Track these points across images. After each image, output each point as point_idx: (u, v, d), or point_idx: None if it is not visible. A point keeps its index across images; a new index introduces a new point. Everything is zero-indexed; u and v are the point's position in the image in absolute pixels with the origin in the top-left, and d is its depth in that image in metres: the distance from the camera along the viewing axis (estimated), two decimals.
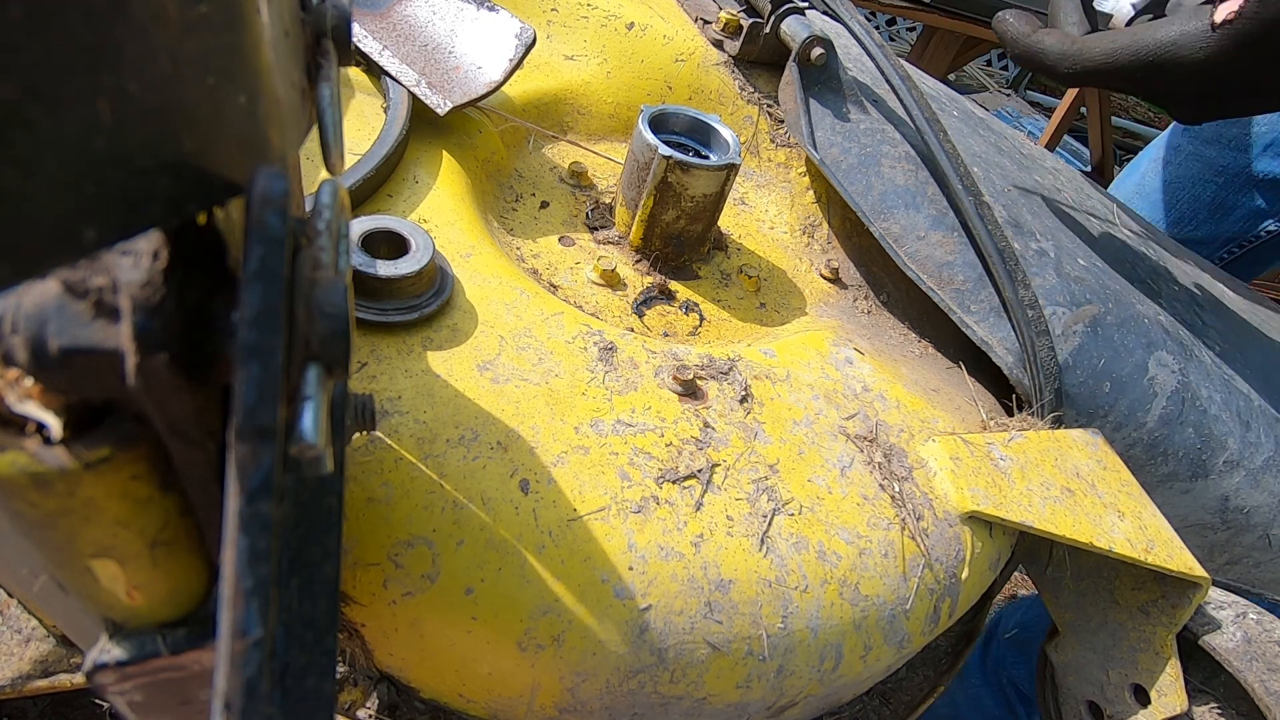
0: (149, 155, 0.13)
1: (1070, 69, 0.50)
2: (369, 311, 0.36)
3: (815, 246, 0.59)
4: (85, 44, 0.11)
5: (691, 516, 0.35)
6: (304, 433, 0.15)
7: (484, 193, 0.50)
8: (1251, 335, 0.69)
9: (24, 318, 0.14)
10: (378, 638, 0.33)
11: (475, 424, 0.35)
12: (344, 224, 0.20)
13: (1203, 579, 0.42)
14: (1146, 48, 0.47)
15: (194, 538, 0.19)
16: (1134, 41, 0.47)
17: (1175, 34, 0.46)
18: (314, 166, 0.43)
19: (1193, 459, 0.54)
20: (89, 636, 0.22)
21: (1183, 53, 0.46)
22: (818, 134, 0.55)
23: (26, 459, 0.15)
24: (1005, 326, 0.50)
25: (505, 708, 0.34)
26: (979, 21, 2.41)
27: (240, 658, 0.15)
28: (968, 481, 0.41)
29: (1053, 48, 0.50)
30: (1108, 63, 0.48)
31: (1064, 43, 0.50)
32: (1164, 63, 0.46)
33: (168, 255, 0.15)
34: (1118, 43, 0.48)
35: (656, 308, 0.49)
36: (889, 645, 0.37)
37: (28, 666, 0.37)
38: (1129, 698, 0.46)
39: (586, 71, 0.60)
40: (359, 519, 0.32)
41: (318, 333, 0.16)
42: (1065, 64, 0.50)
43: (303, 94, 0.21)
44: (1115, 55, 0.48)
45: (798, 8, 0.59)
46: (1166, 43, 0.46)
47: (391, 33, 0.49)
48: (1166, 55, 0.46)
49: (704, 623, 0.33)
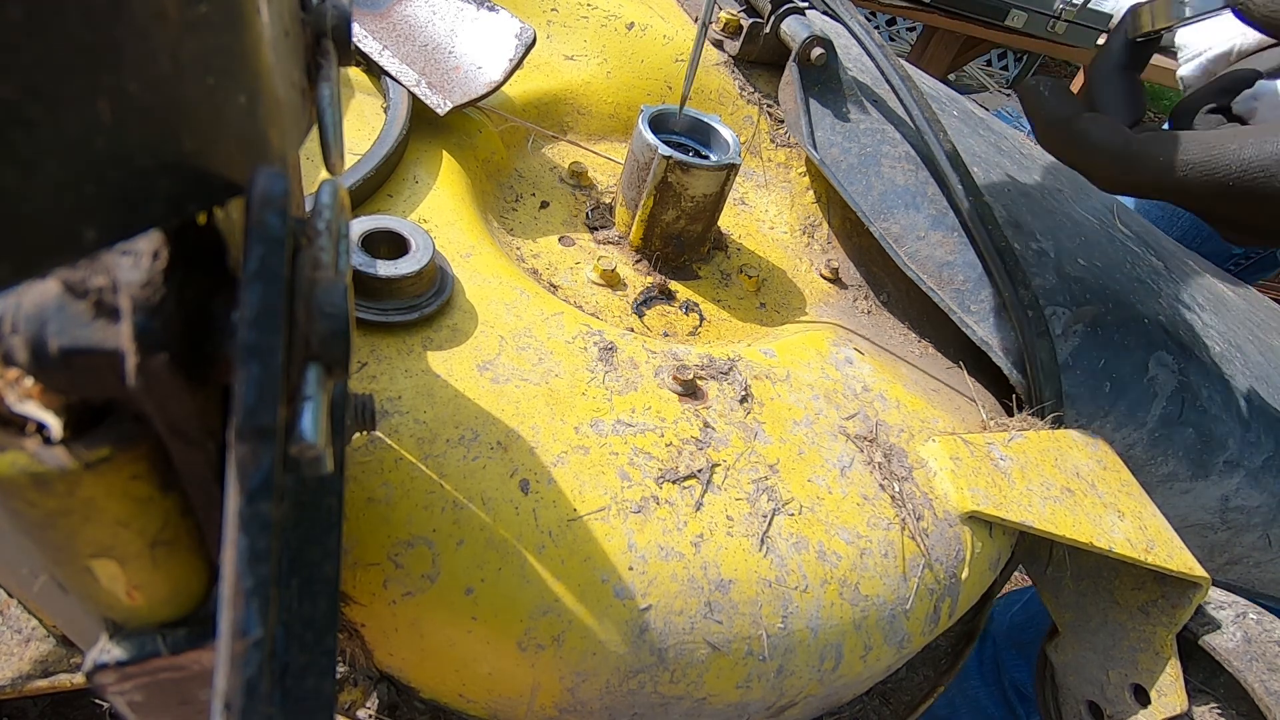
0: (149, 155, 0.13)
1: (1120, 175, 0.39)
2: (369, 311, 0.36)
3: (815, 246, 0.59)
4: (85, 44, 0.11)
5: (691, 516, 0.35)
6: (304, 433, 0.15)
7: (484, 193, 0.50)
8: (1251, 335, 0.69)
9: (24, 318, 0.14)
10: (378, 638, 0.33)
11: (475, 424, 0.35)
12: (344, 224, 0.20)
13: (1203, 579, 0.42)
14: (1228, 167, 0.36)
15: (194, 538, 0.19)
16: (1210, 157, 0.36)
17: (1269, 154, 0.35)
18: (314, 166, 0.43)
19: (1193, 459, 0.54)
20: (89, 636, 0.22)
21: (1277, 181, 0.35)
22: (818, 134, 0.55)
23: (26, 459, 0.15)
24: (1005, 326, 0.50)
25: (505, 708, 0.34)
26: (979, 21, 2.41)
27: (240, 658, 0.15)
28: (968, 481, 0.41)
29: (1102, 144, 0.39)
30: (1170, 177, 0.37)
31: (1115, 140, 0.39)
32: (1247, 189, 0.36)
33: (168, 255, 0.15)
34: (1189, 154, 0.37)
35: (656, 308, 0.49)
36: (889, 645, 0.37)
37: (28, 666, 0.37)
38: (1129, 698, 0.46)
39: (586, 71, 0.60)
40: (359, 519, 0.32)
41: (318, 333, 0.16)
42: (1115, 168, 0.39)
43: (303, 94, 0.21)
44: (1184, 170, 0.37)
45: (798, 8, 0.59)
46: (1255, 164, 0.35)
47: (391, 33, 0.49)
48: (1254, 180, 0.36)
49: (704, 623, 0.33)
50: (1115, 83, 0.42)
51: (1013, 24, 2.41)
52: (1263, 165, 0.35)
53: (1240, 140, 0.36)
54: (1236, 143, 0.36)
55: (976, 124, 0.67)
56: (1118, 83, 0.42)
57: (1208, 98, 0.43)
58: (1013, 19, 2.39)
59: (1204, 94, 0.44)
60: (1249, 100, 0.42)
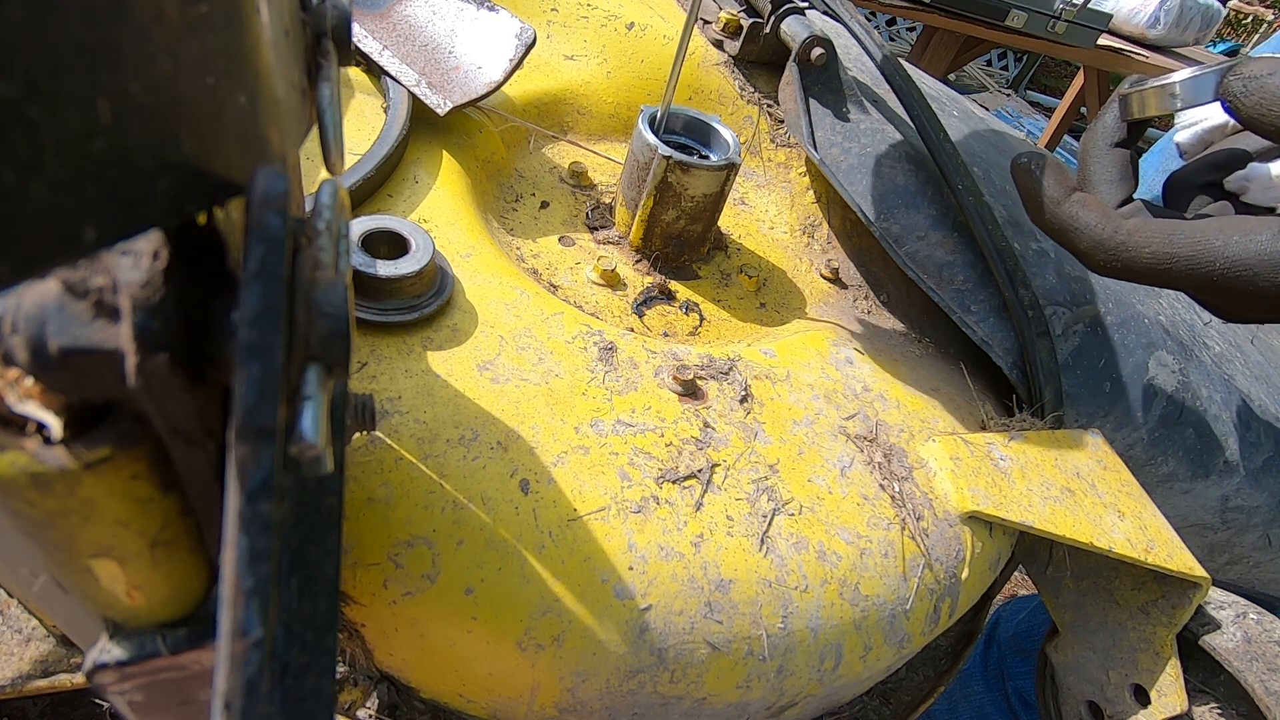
0: (149, 155, 0.13)
1: (1106, 263, 0.40)
2: (369, 311, 0.36)
3: (815, 246, 0.59)
4: (85, 44, 0.11)
5: (691, 516, 0.35)
6: (304, 433, 0.15)
7: (484, 193, 0.50)
8: (1251, 335, 0.69)
9: (24, 318, 0.14)
10: (378, 638, 0.33)
11: (475, 424, 0.35)
12: (344, 224, 0.20)
13: (1203, 579, 0.42)
14: (1211, 264, 0.37)
15: (194, 538, 0.19)
16: (1196, 252, 0.37)
17: (1253, 255, 0.36)
18: (314, 166, 0.43)
19: (1193, 459, 0.54)
20: (89, 636, 0.22)
21: (1259, 281, 0.36)
22: (818, 134, 0.55)
23: (26, 459, 0.15)
24: (1005, 326, 0.50)
25: (505, 708, 0.34)
26: (979, 21, 2.41)
27: (240, 658, 0.15)
28: (968, 481, 0.41)
29: (1090, 229, 0.40)
30: (1155, 268, 0.38)
31: (1105, 225, 0.39)
32: (1230, 285, 0.37)
33: (168, 255, 0.15)
34: (1175, 246, 0.37)
35: (656, 308, 0.49)
36: (889, 645, 0.37)
37: (28, 666, 0.37)
38: (1129, 698, 0.46)
39: (586, 71, 0.60)
40: (359, 519, 0.32)
41: (318, 333, 0.16)
42: (1102, 256, 0.39)
43: (303, 94, 0.21)
44: (1169, 263, 0.37)
45: (798, 8, 0.59)
46: (1239, 263, 0.36)
47: (391, 33, 0.49)
48: (1236, 277, 0.36)
49: (704, 623, 0.33)
50: (1106, 160, 0.43)
51: (1013, 24, 2.41)
52: (1246, 264, 0.36)
53: (1225, 236, 0.37)
54: (1221, 239, 0.37)
55: (976, 124, 0.67)
56: (1108, 160, 0.43)
57: (1201, 173, 0.44)
58: (1013, 19, 2.40)
59: (1197, 168, 0.44)
60: (1240, 180, 0.42)
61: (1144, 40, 2.82)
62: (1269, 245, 0.36)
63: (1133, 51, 2.71)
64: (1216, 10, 2.86)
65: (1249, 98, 0.34)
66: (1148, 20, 2.78)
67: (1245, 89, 0.35)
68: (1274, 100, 0.34)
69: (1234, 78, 0.35)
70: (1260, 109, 0.34)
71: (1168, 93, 0.39)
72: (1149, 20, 2.78)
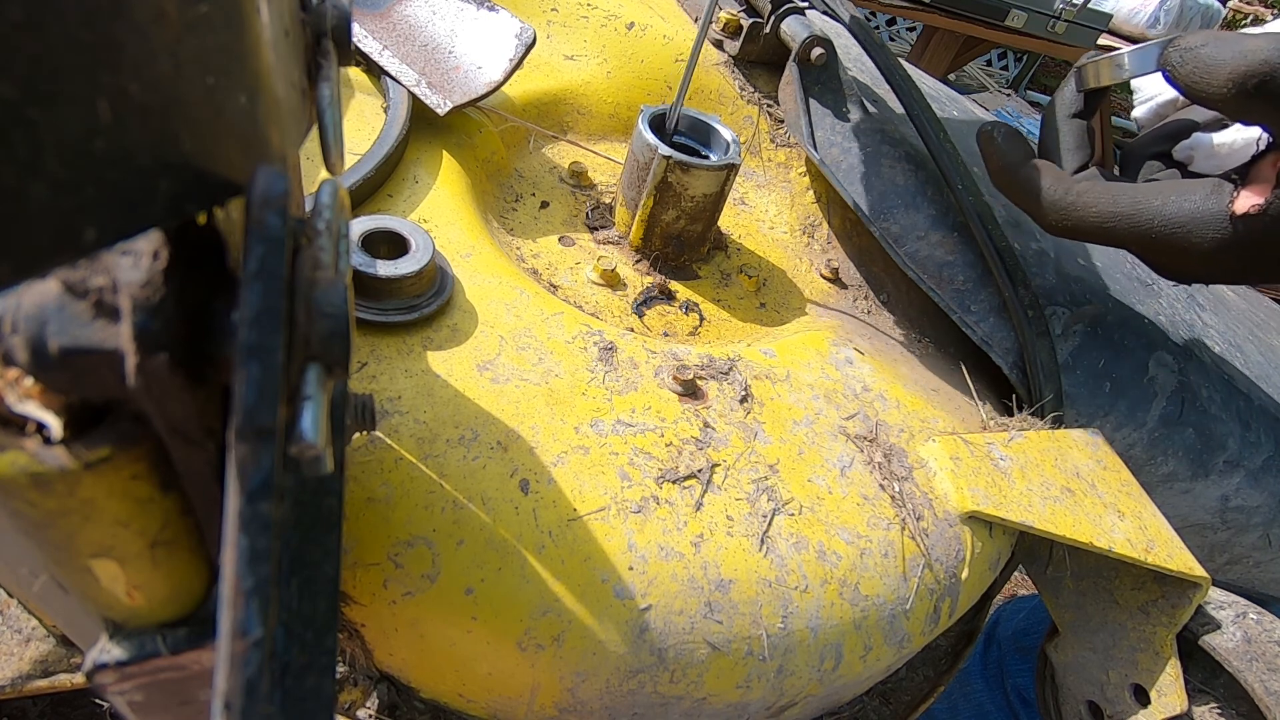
0: (149, 155, 0.13)
1: (1058, 222, 0.43)
2: (369, 311, 0.36)
3: (815, 246, 0.59)
4: (85, 44, 0.11)
5: (691, 516, 0.35)
6: (304, 433, 0.15)
7: (484, 193, 0.50)
8: (1251, 335, 0.69)
9: (24, 318, 0.14)
10: (378, 638, 0.33)
11: (475, 424, 0.35)
12: (344, 224, 0.20)
13: (1203, 579, 0.42)
14: (1150, 222, 0.40)
15: (194, 538, 0.19)
16: (1136, 210, 0.40)
17: (1186, 214, 0.39)
18: (314, 166, 0.43)
19: (1193, 459, 0.54)
20: (89, 636, 0.22)
21: (1192, 237, 0.39)
22: (818, 134, 0.55)
23: (26, 459, 0.15)
24: (1005, 326, 0.50)
25: (505, 708, 0.34)
26: (979, 21, 2.41)
27: (240, 658, 0.15)
28: (968, 481, 0.41)
29: (1044, 190, 0.43)
30: (1101, 226, 0.42)
31: (1056, 187, 0.43)
32: (1167, 241, 0.40)
33: (168, 255, 0.15)
34: (1118, 205, 0.41)
35: (656, 308, 0.49)
36: (889, 645, 0.37)
37: (28, 666, 0.37)
38: (1129, 698, 0.46)
39: (586, 71, 0.60)
40: (359, 519, 0.32)
41: (318, 333, 0.16)
42: (1053, 215, 0.43)
43: (303, 94, 0.21)
44: (1112, 221, 0.41)
45: (798, 8, 0.59)
46: (1174, 221, 0.39)
47: (391, 33, 0.49)
48: (1172, 235, 0.40)
49: (704, 623, 0.33)
50: (1064, 129, 0.46)
51: (1013, 24, 2.41)
52: (1180, 223, 0.39)
53: (1163, 197, 0.40)
54: (1160, 199, 0.40)
55: (976, 124, 0.67)
56: (1066, 129, 0.46)
57: (1151, 144, 0.47)
58: (1013, 19, 2.40)
59: (1149, 139, 0.48)
60: (1185, 150, 0.46)
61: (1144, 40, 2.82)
62: (1201, 204, 0.39)
63: None
64: (1216, 10, 2.86)
65: (1184, 67, 0.37)
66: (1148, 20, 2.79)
67: (1182, 59, 0.37)
68: (1205, 69, 0.36)
69: (1173, 49, 0.38)
70: (1194, 77, 0.37)
71: (1115, 63, 0.43)
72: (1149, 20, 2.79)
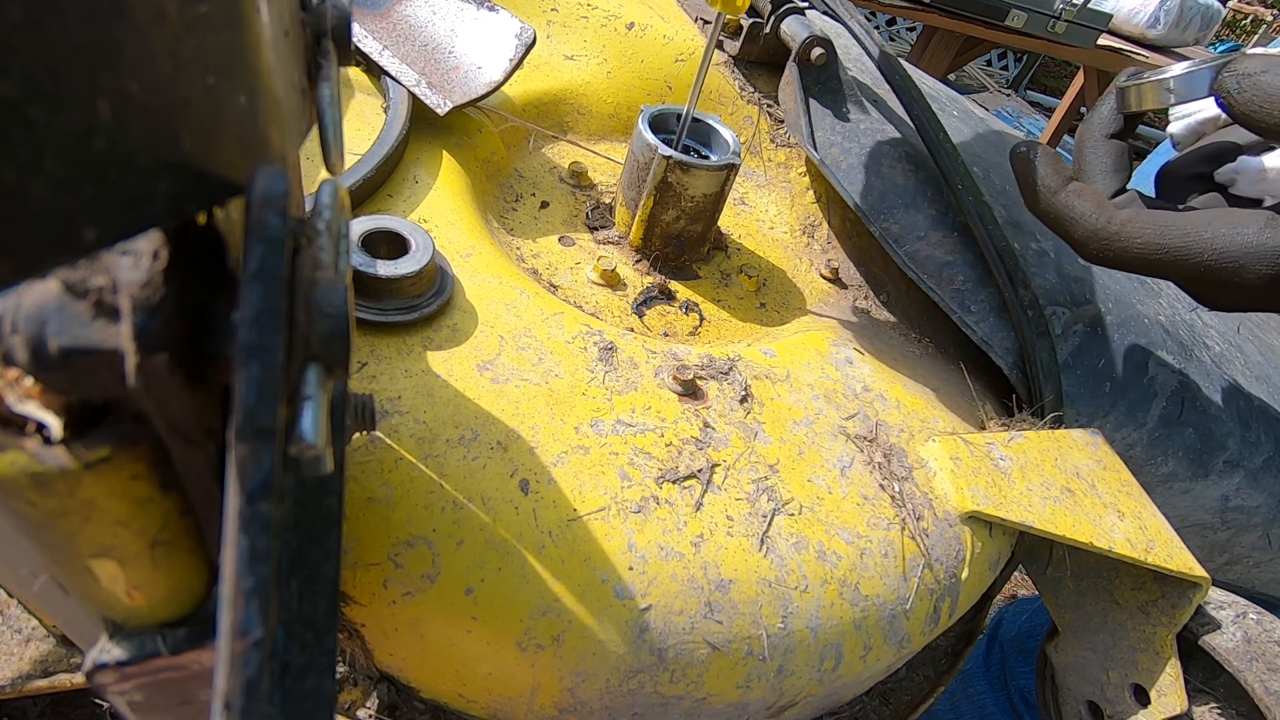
0: (149, 155, 0.13)
1: (1099, 251, 0.41)
2: (369, 311, 0.36)
3: (815, 246, 0.59)
4: (85, 44, 0.11)
5: (691, 516, 0.35)
6: (304, 433, 0.15)
7: (484, 193, 0.50)
8: (1251, 335, 0.69)
9: (24, 318, 0.14)
10: (378, 638, 0.33)
11: (475, 424, 0.35)
12: (344, 224, 0.20)
13: (1203, 579, 0.42)
14: (1200, 255, 0.38)
15: (194, 538, 0.19)
16: (1186, 242, 0.38)
17: (1239, 248, 0.37)
18: (314, 166, 0.43)
19: (1193, 459, 0.54)
20: (89, 636, 0.22)
21: (1244, 273, 0.37)
22: (818, 134, 0.55)
23: (26, 459, 0.15)
24: (1005, 326, 0.50)
25: (505, 708, 0.34)
26: (979, 21, 2.41)
27: (240, 658, 0.15)
28: (968, 481, 0.41)
29: (1084, 219, 0.41)
30: (1147, 259, 0.39)
31: (1099, 215, 0.40)
32: (1217, 275, 0.38)
33: (168, 255, 0.15)
34: (1165, 238, 0.38)
35: (656, 308, 0.49)
36: (889, 645, 0.37)
37: (28, 666, 0.37)
38: (1129, 698, 0.46)
39: (586, 71, 0.60)
40: (359, 519, 0.32)
41: (318, 333, 0.16)
42: (1094, 245, 0.40)
43: (303, 94, 0.21)
44: (1159, 254, 0.39)
45: (798, 8, 0.59)
46: (1226, 255, 0.37)
47: (391, 33, 0.49)
48: (1223, 269, 0.37)
49: (704, 623, 0.33)
50: (1101, 150, 0.43)
51: (1013, 24, 2.41)
52: (1233, 256, 0.37)
53: (1213, 229, 0.38)
54: (1210, 231, 0.38)
55: (976, 124, 0.67)
56: (1104, 151, 0.43)
57: (1192, 165, 0.45)
58: (1013, 19, 2.40)
59: (1190, 160, 0.45)
60: (1230, 173, 0.43)
61: (1144, 40, 2.82)
62: (1254, 238, 0.37)
63: (1132, 51, 2.71)
64: (1216, 10, 2.87)
65: (1242, 94, 0.35)
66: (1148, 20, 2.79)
67: (1239, 86, 0.35)
68: (1266, 98, 0.34)
69: (1228, 74, 0.36)
70: (1253, 106, 0.35)
71: (1163, 87, 0.40)
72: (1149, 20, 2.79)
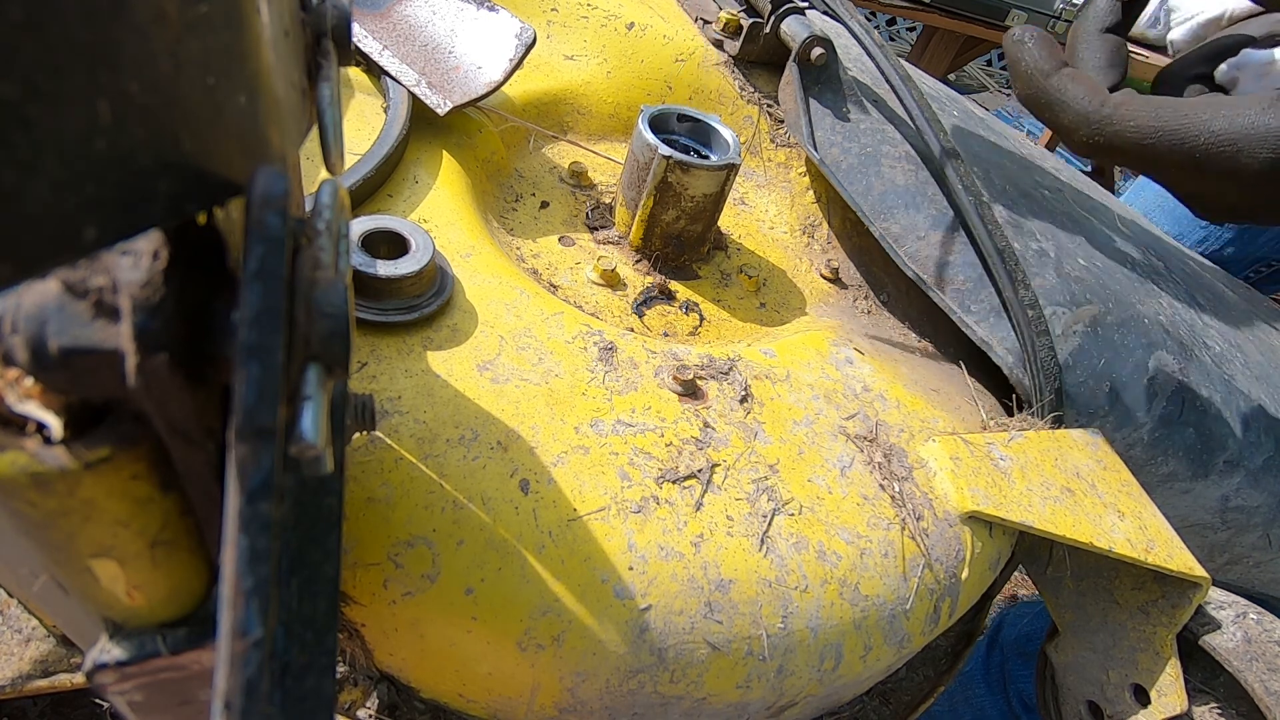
0: (149, 155, 0.13)
1: (1089, 137, 0.38)
2: (369, 311, 0.36)
3: (815, 246, 0.59)
4: (85, 44, 0.11)
5: (691, 516, 0.35)
6: (304, 433, 0.15)
7: (484, 193, 0.50)
8: (1251, 335, 0.69)
9: (24, 318, 0.14)
10: (378, 638, 0.33)
11: (475, 424, 0.35)
12: (344, 224, 0.20)
13: (1203, 579, 0.42)
14: (1196, 138, 0.35)
15: (194, 538, 0.19)
16: (1182, 125, 0.35)
17: (1239, 129, 0.34)
18: (314, 166, 0.43)
19: (1193, 459, 0.54)
20: (89, 636, 0.22)
21: (1242, 157, 0.34)
22: (818, 134, 0.55)
23: (26, 459, 0.15)
24: (1005, 326, 0.50)
25: (505, 708, 0.34)
26: (979, 21, 2.41)
27: (240, 658, 0.15)
28: (968, 481, 0.41)
29: (1076, 102, 0.38)
30: (1139, 143, 0.36)
31: (1091, 98, 0.38)
32: (1213, 161, 0.35)
33: (168, 255, 0.15)
34: (1161, 119, 0.36)
35: (656, 308, 0.49)
36: (889, 645, 0.37)
37: (28, 666, 0.37)
38: (1129, 698, 0.46)
39: (586, 71, 0.60)
40: (359, 519, 0.32)
41: (318, 333, 0.16)
42: (1085, 130, 0.38)
43: (303, 94, 0.21)
44: (1153, 137, 0.36)
45: (798, 8, 0.59)
46: (1224, 138, 0.34)
47: (391, 33, 0.49)
48: (1220, 153, 0.35)
49: (704, 623, 0.33)
50: (1096, 45, 0.41)
51: (1013, 24, 2.41)
52: (1231, 139, 0.34)
53: (1212, 111, 0.35)
54: (1209, 113, 0.35)
55: (976, 124, 0.67)
56: (1099, 43, 0.41)
57: (1192, 65, 0.42)
58: (1013, 19, 2.40)
59: (1189, 60, 0.42)
60: (1231, 69, 0.41)
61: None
62: (1255, 119, 0.34)
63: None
64: None
65: None
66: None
67: None
68: None
69: None
70: None
71: None
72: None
